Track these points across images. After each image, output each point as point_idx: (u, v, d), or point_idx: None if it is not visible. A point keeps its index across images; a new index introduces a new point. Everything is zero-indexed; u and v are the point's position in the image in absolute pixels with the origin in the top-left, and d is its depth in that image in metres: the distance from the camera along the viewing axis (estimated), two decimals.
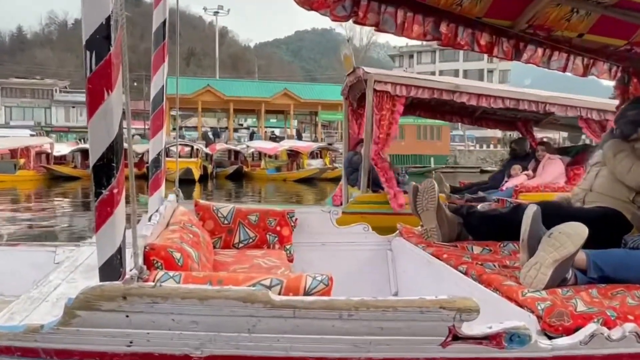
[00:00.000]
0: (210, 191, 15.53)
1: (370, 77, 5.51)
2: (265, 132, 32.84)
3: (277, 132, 35.30)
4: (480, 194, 6.27)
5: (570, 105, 6.17)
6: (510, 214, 2.35)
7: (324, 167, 20.40)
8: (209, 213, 2.40)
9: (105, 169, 1.13)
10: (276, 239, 2.44)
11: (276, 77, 49.62)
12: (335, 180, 18.65)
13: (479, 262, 1.96)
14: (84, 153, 19.53)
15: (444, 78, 6.32)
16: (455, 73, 58.04)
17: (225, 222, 2.40)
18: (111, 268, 1.17)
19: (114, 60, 1.08)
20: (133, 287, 1.10)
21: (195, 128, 39.59)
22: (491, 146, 39.89)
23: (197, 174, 17.13)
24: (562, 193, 5.98)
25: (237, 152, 22.22)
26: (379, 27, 2.28)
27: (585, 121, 6.30)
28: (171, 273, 1.20)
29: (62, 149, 21.01)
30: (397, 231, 2.68)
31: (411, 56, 59.89)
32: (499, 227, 2.37)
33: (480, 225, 2.42)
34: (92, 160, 1.12)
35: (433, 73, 58.83)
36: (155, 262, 1.30)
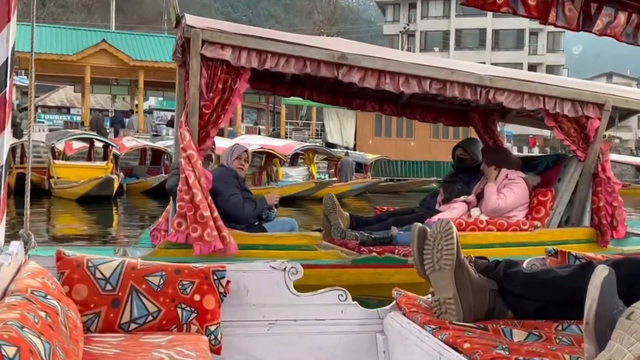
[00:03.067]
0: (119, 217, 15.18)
1: (196, 35, 5.05)
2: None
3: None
4: (395, 231, 6.05)
5: (528, 92, 5.92)
6: (574, 277, 2.37)
7: (324, 180, 20.51)
8: (81, 272, 2.33)
9: None
10: (193, 315, 2.39)
11: None
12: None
13: (522, 358, 1.96)
14: None
15: (329, 41, 5.84)
16: (482, 34, 59.22)
17: (109, 287, 2.34)
18: None
19: None
20: None
21: (60, 109, 38.71)
22: (536, 149, 41.54)
23: (116, 187, 16.94)
24: (516, 233, 5.97)
25: (158, 152, 21.95)
26: None
27: (552, 118, 6.12)
28: None
29: None
30: (393, 302, 2.68)
31: (412, 5, 60.57)
32: (556, 298, 2.39)
33: (526, 295, 2.44)
34: None
35: (447, 33, 60.02)
36: None
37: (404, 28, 57.67)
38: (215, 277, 2.46)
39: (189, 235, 5.03)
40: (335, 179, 21.28)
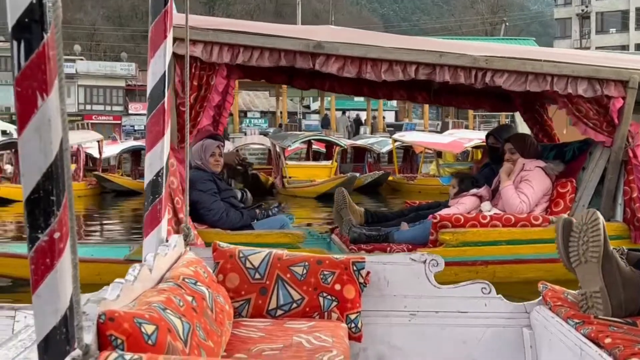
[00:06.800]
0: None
1: None
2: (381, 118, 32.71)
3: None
4: (405, 227, 5.55)
5: (532, 72, 5.21)
6: None
7: None
8: (233, 262, 2.52)
9: (41, 204, 1.25)
10: (334, 303, 2.49)
11: None
12: None
13: None
14: (136, 155, 21.02)
15: (304, 30, 5.42)
16: None
17: (257, 276, 2.51)
18: (53, 346, 1.29)
19: (50, 52, 1.20)
20: None
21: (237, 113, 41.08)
22: None
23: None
24: (525, 229, 5.14)
25: (361, 150, 22.44)
26: None
27: (567, 99, 5.32)
28: (128, 356, 1.30)
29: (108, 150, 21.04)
30: (540, 296, 2.59)
31: None
32: None
33: None
34: (25, 191, 1.27)
35: (625, 12, 54.83)
36: (113, 338, 1.41)
37: (582, 10, 53.98)
38: (355, 268, 2.54)
39: None
40: None
